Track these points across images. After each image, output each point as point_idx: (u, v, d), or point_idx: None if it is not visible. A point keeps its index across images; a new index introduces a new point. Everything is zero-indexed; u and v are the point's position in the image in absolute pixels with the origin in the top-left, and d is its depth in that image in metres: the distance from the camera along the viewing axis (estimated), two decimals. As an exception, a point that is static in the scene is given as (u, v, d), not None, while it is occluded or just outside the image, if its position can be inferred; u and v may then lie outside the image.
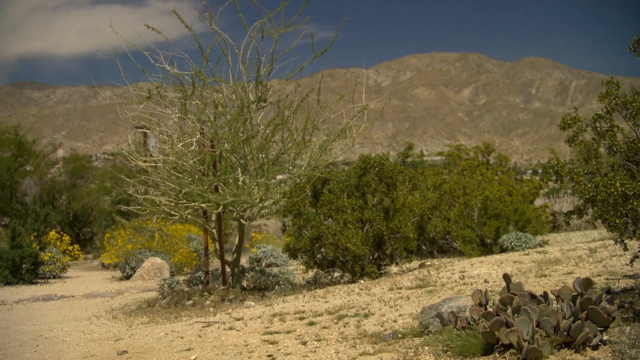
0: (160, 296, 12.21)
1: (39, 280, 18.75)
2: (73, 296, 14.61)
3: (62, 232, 24.17)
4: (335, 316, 7.99)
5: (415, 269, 13.05)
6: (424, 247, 17.13)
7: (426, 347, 6.06)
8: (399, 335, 6.63)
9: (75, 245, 24.09)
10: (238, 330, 7.70)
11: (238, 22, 10.96)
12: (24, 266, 18.19)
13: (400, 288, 9.80)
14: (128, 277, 18.73)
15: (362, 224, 12.28)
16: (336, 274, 12.57)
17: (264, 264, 19.40)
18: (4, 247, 18.27)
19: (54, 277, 19.81)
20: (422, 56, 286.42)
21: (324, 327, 7.45)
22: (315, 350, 6.44)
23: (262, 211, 12.08)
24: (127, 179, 12.59)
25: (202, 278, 12.66)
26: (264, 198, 11.42)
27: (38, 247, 19.13)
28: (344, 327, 7.38)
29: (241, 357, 6.43)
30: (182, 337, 7.63)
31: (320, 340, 6.81)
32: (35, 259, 18.38)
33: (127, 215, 21.03)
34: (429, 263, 14.24)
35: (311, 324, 7.71)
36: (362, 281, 11.65)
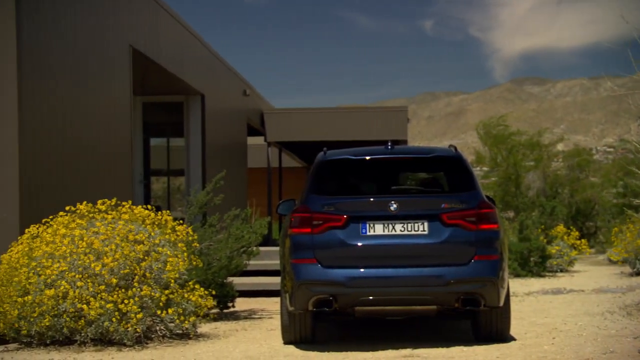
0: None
1: (546, 274, 18.99)
2: (582, 290, 14.45)
3: (571, 227, 24.17)
4: None
5: None
6: None
7: None
8: None
9: (582, 240, 23.91)
10: None
11: None
12: (531, 259, 18.59)
13: None
14: (638, 273, 17.98)
15: None
16: None
17: None
18: (512, 240, 18.87)
19: (561, 271, 19.90)
20: None
21: None
22: None
23: None
24: (637, 171, 12.03)
25: None
26: None
27: (545, 240, 19.41)
28: None
29: None
30: None
31: None
32: (543, 252, 18.66)
33: (637, 209, 20.17)
34: None
35: None
36: None
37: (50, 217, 8.81)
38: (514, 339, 8.12)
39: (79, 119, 10.77)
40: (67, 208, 8.85)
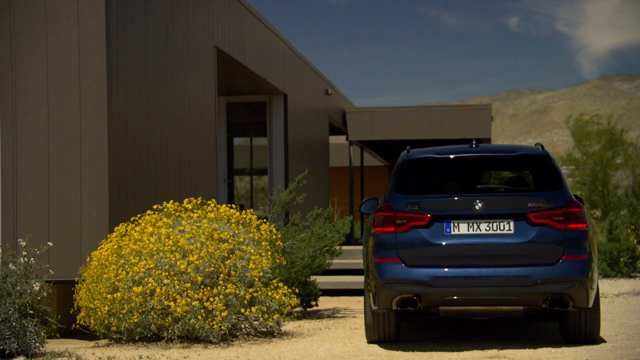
0: None
1: (637, 274, 18.45)
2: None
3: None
4: None
5: None
6: None
7: None
8: None
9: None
10: None
11: None
12: (621, 259, 18.10)
13: None
14: None
15: None
16: None
17: None
18: (601, 240, 18.40)
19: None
20: None
21: None
22: None
23: None
24: None
25: None
26: None
27: (635, 240, 18.85)
28: None
29: None
30: None
31: None
32: (633, 253, 18.15)
33: None
34: None
35: None
36: None
37: (139, 215, 9.00)
38: (603, 341, 7.91)
39: (166, 119, 10.97)
40: (154, 207, 9.03)
